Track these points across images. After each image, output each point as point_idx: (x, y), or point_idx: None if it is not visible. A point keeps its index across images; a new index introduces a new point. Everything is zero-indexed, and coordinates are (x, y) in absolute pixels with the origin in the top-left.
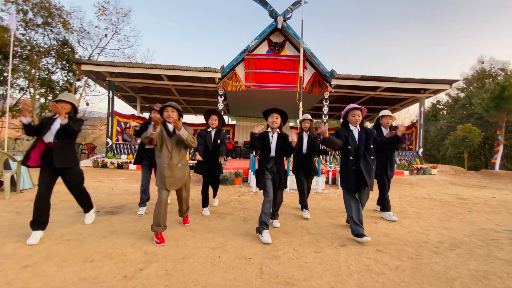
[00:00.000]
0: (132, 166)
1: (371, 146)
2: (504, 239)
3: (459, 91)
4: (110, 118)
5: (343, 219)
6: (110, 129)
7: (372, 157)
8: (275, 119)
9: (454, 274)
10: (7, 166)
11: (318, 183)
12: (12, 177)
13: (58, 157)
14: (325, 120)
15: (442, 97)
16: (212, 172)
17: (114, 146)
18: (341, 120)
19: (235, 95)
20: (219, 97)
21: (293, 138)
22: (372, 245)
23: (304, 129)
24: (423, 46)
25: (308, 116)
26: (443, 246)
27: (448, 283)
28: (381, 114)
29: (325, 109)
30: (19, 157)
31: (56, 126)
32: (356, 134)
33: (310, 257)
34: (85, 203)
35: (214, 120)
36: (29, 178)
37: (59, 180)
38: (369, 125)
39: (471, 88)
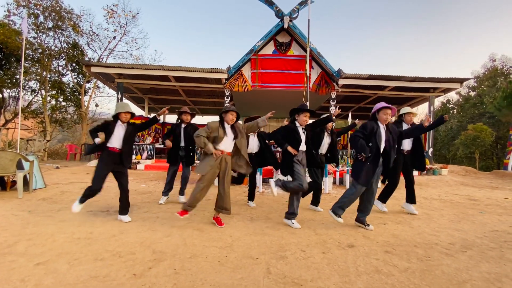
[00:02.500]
0: (141, 166)
1: (396, 145)
2: None
3: (470, 90)
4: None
5: (350, 219)
6: None
7: (394, 156)
8: (308, 118)
9: (465, 276)
10: (20, 166)
11: (325, 183)
12: (24, 177)
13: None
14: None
15: (453, 96)
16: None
17: None
18: (370, 116)
19: (241, 96)
20: (225, 98)
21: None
22: (381, 246)
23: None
24: (433, 44)
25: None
26: (454, 248)
27: (459, 285)
28: (404, 111)
29: (332, 109)
30: (32, 158)
31: (121, 133)
32: (383, 132)
33: (317, 257)
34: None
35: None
36: (41, 178)
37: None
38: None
39: (482, 86)
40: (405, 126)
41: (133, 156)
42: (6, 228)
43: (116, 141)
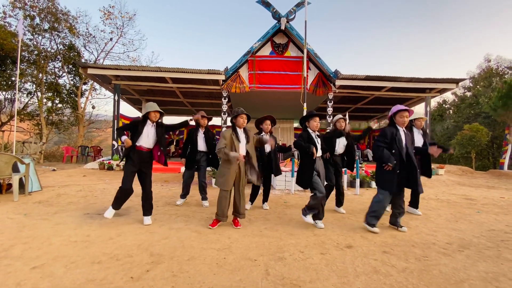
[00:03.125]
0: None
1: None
2: None
3: (465, 90)
4: (115, 121)
5: (349, 220)
6: (115, 132)
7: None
8: (318, 122)
9: (463, 276)
10: (15, 169)
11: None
12: (20, 179)
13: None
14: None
15: (449, 96)
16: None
17: (120, 148)
18: (388, 120)
19: (239, 97)
20: (223, 99)
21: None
22: (379, 247)
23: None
24: (428, 45)
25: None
26: (452, 248)
27: (457, 285)
28: (414, 116)
29: (330, 110)
30: (27, 160)
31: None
32: (402, 136)
33: (316, 258)
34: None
35: (268, 125)
36: (37, 180)
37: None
38: (374, 125)
39: (478, 87)
40: (416, 132)
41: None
42: (2, 231)
43: (145, 140)
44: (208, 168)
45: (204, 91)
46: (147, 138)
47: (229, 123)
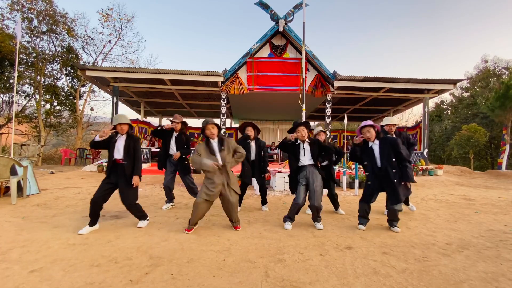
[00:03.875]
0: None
1: (393, 159)
2: None
3: (463, 91)
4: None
5: (348, 221)
6: None
7: (394, 170)
8: (303, 130)
9: (462, 276)
10: (13, 172)
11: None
12: (18, 182)
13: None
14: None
15: (446, 97)
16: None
17: None
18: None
19: (238, 98)
20: (222, 101)
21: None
22: (378, 248)
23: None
24: (426, 45)
25: (321, 128)
26: (451, 248)
27: (456, 285)
28: (383, 123)
29: (328, 111)
30: (25, 163)
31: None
32: (376, 149)
33: (315, 260)
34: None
35: (250, 131)
36: (35, 183)
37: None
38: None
39: (475, 87)
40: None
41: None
42: (0, 235)
43: (117, 152)
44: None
45: (203, 93)
46: (118, 150)
47: (225, 126)
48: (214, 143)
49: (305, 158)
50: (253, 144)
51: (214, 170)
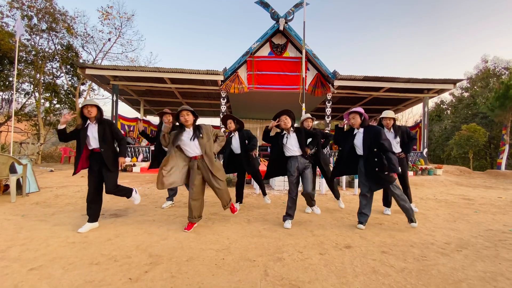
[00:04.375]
0: (136, 169)
1: (375, 149)
2: (511, 240)
3: (463, 91)
4: (114, 121)
5: (347, 220)
6: None
7: (376, 159)
8: (286, 119)
9: (461, 275)
10: (13, 170)
11: (321, 184)
12: (18, 180)
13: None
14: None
15: (446, 96)
16: (246, 169)
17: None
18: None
19: (237, 97)
20: (221, 100)
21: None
22: (377, 247)
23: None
24: (426, 45)
25: (309, 115)
26: (450, 247)
27: (455, 284)
28: (382, 115)
29: (328, 110)
30: (25, 161)
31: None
32: (359, 137)
33: (315, 259)
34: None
35: (230, 123)
36: (35, 181)
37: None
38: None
39: (475, 87)
40: (386, 132)
41: (128, 159)
42: None
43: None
44: None
45: (202, 92)
46: (94, 138)
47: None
48: (188, 130)
49: (293, 148)
50: (236, 136)
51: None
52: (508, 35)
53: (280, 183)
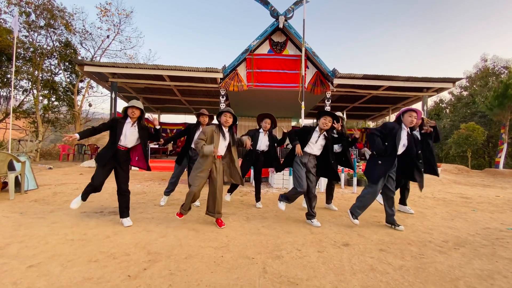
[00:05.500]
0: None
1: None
2: (508, 238)
3: (462, 90)
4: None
5: (346, 218)
6: None
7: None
8: (328, 121)
9: (458, 273)
10: (11, 167)
11: (320, 182)
12: (16, 178)
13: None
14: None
15: (445, 95)
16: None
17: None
18: (396, 119)
19: (237, 95)
20: (221, 97)
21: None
22: (375, 245)
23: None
24: (426, 44)
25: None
26: (447, 246)
27: (452, 282)
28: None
29: (327, 109)
30: (23, 158)
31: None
32: (404, 134)
33: (313, 256)
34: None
35: (266, 123)
36: (33, 179)
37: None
38: (371, 124)
39: (474, 86)
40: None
41: None
42: None
43: (124, 139)
44: None
45: (202, 89)
46: (125, 137)
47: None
48: (225, 130)
49: (315, 148)
50: (266, 136)
51: (211, 158)
52: (507, 35)
53: (278, 181)
